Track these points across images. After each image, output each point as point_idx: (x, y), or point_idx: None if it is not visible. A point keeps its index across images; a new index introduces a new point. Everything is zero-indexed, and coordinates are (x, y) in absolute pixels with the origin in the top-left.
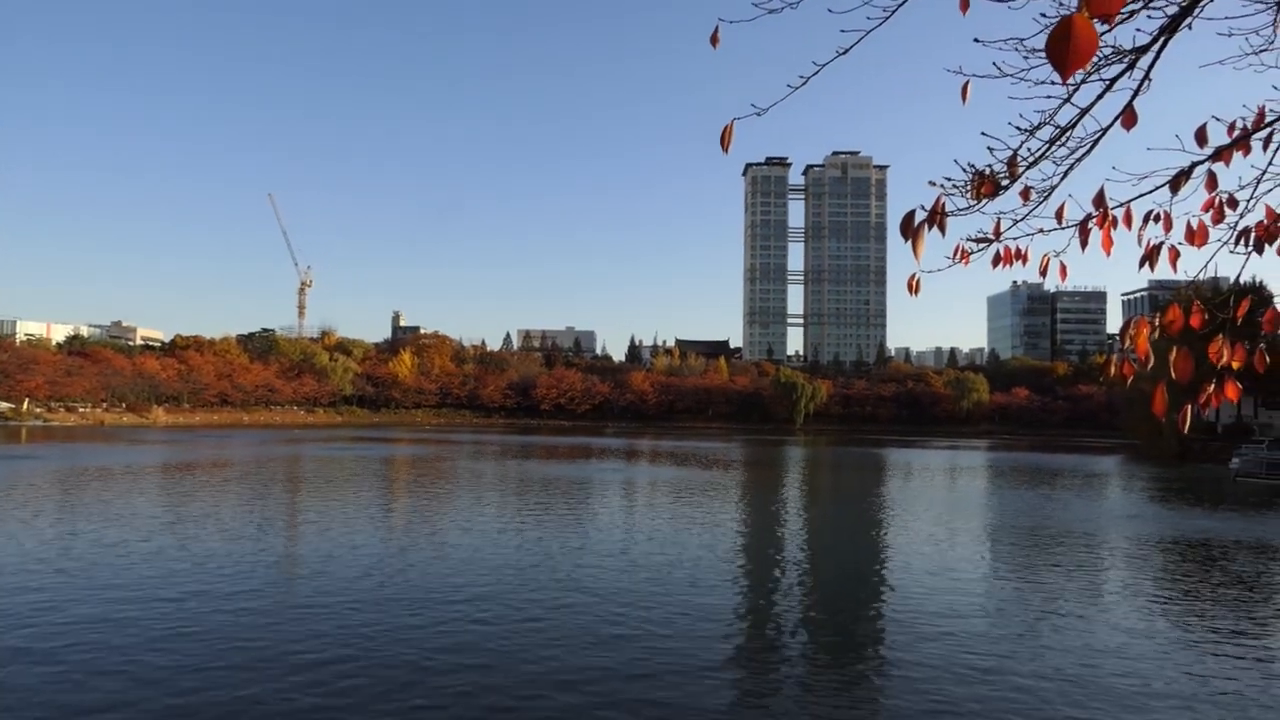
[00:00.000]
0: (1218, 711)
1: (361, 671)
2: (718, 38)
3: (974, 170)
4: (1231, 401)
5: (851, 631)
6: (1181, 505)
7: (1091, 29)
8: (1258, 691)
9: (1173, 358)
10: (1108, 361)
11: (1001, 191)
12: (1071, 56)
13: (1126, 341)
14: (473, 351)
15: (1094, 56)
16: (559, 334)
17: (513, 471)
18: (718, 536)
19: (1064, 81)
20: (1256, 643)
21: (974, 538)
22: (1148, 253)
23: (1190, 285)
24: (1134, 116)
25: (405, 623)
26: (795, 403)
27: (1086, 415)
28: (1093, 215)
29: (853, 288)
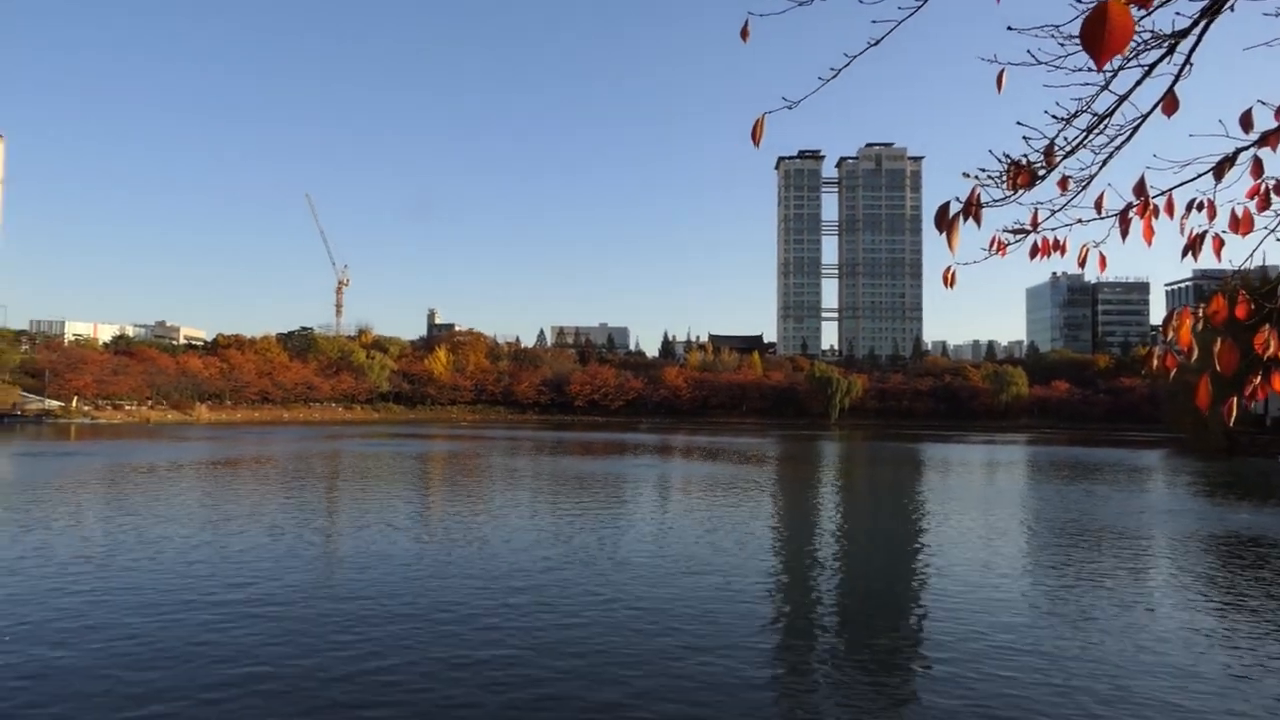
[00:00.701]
0: (1260, 713)
1: (404, 668)
2: (748, 31)
3: (1010, 160)
4: (1278, 393)
5: (890, 629)
6: (1228, 500)
7: (1127, 14)
8: None
9: (1217, 349)
10: (1150, 354)
11: (1038, 181)
12: (1107, 42)
13: (1169, 333)
14: (507, 348)
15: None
16: (592, 330)
17: (547, 468)
18: (752, 534)
19: (1099, 68)
20: None
21: (1014, 534)
22: (1191, 242)
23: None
24: (1175, 102)
25: (445, 618)
26: (830, 397)
27: (1129, 409)
28: (1133, 204)
29: (887, 281)
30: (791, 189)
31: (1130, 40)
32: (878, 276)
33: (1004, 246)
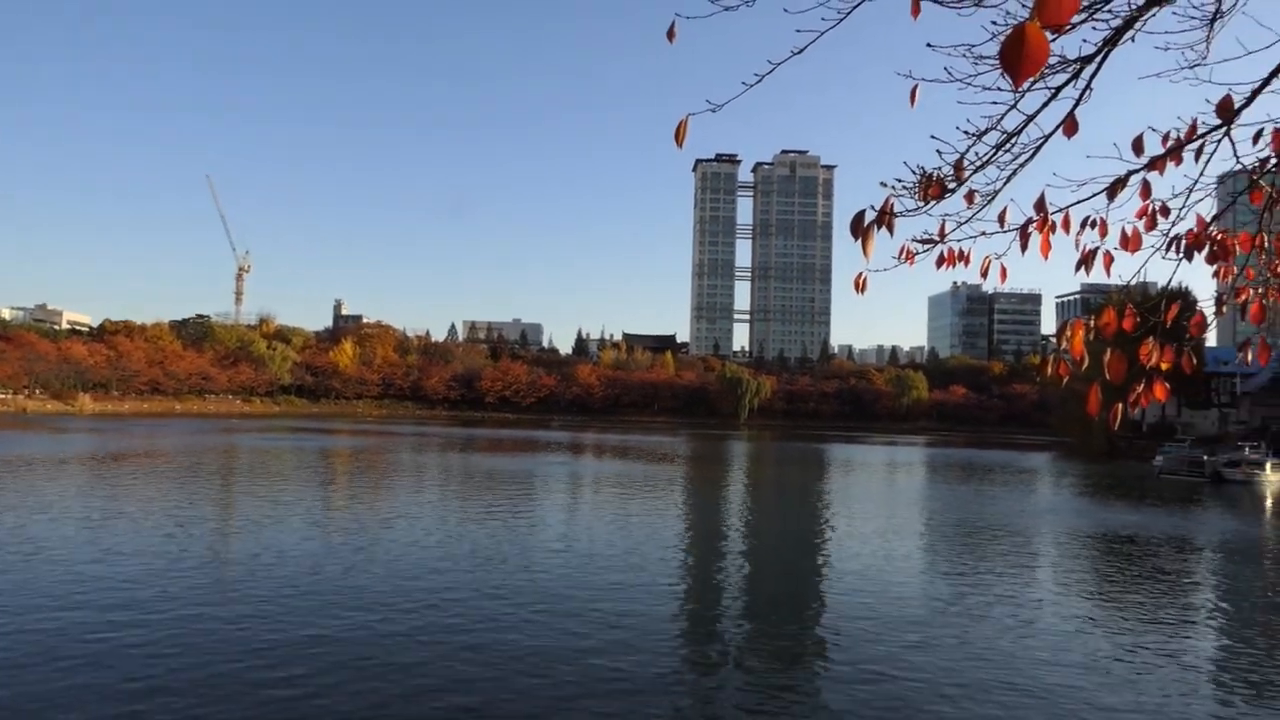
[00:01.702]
0: (1136, 696)
1: (303, 679)
2: (674, 32)
3: (922, 172)
4: (1160, 401)
5: (796, 627)
6: (1109, 501)
7: (1043, 37)
8: (1174, 679)
9: (1107, 359)
10: (1044, 361)
11: (948, 194)
12: (1024, 64)
13: (1063, 342)
14: (417, 342)
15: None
16: (505, 326)
17: (456, 465)
18: (662, 533)
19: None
20: (1174, 632)
21: (912, 532)
22: (1084, 257)
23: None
24: (1075, 125)
25: (345, 623)
26: (740, 398)
27: (1020, 413)
28: (1033, 219)
29: (798, 285)
30: (708, 191)
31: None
32: (789, 280)
33: (913, 255)
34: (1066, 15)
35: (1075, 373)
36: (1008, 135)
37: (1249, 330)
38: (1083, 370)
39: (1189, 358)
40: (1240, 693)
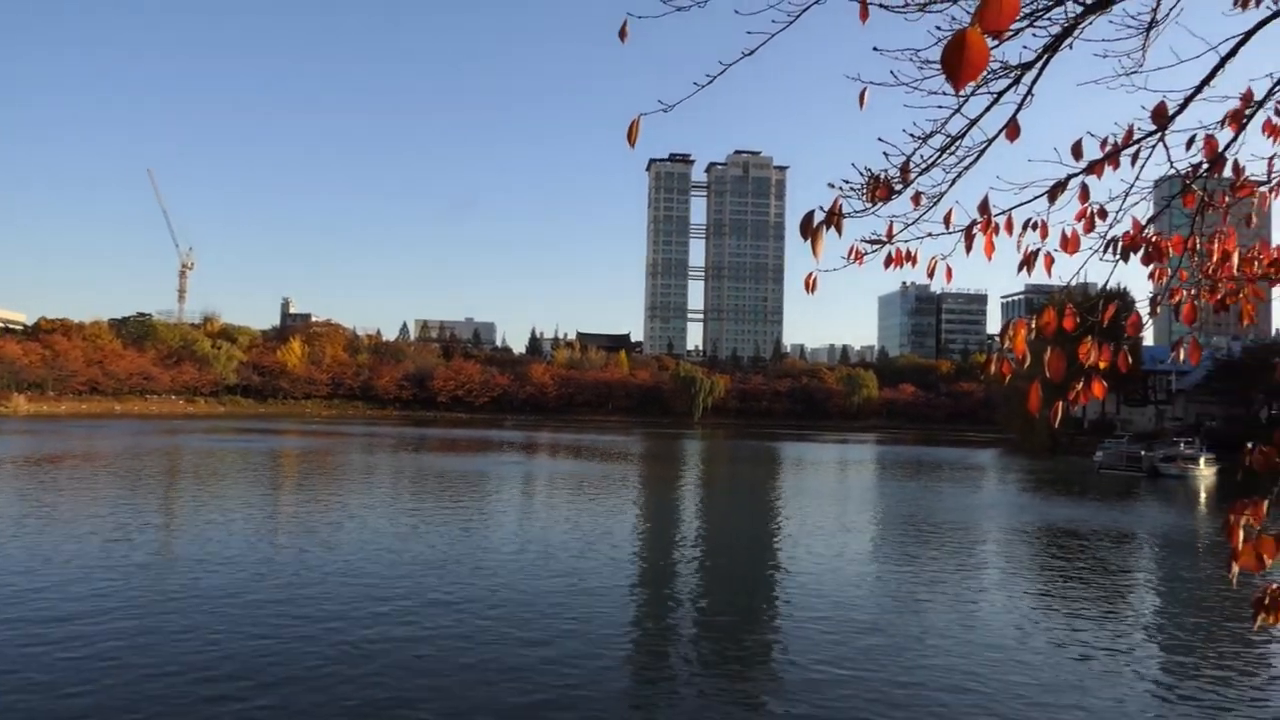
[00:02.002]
0: (1080, 696)
1: (252, 691)
2: (626, 31)
3: (870, 174)
4: (1098, 399)
5: (751, 628)
6: (1051, 495)
7: (984, 43)
8: (1114, 672)
9: (1047, 357)
10: (988, 360)
11: (895, 196)
12: (965, 68)
13: (1006, 341)
14: (367, 341)
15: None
16: (458, 325)
17: (408, 465)
18: (615, 533)
19: (957, 92)
20: (1115, 625)
21: (863, 529)
22: (1026, 258)
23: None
24: (1017, 129)
25: (294, 631)
26: (694, 397)
27: (967, 411)
28: (977, 221)
29: (751, 285)
30: (662, 191)
31: (985, 68)
32: (742, 280)
33: (861, 256)
34: (1006, 22)
35: (1018, 371)
36: (952, 139)
37: (1184, 330)
38: (1025, 369)
39: (1125, 356)
40: (1176, 684)
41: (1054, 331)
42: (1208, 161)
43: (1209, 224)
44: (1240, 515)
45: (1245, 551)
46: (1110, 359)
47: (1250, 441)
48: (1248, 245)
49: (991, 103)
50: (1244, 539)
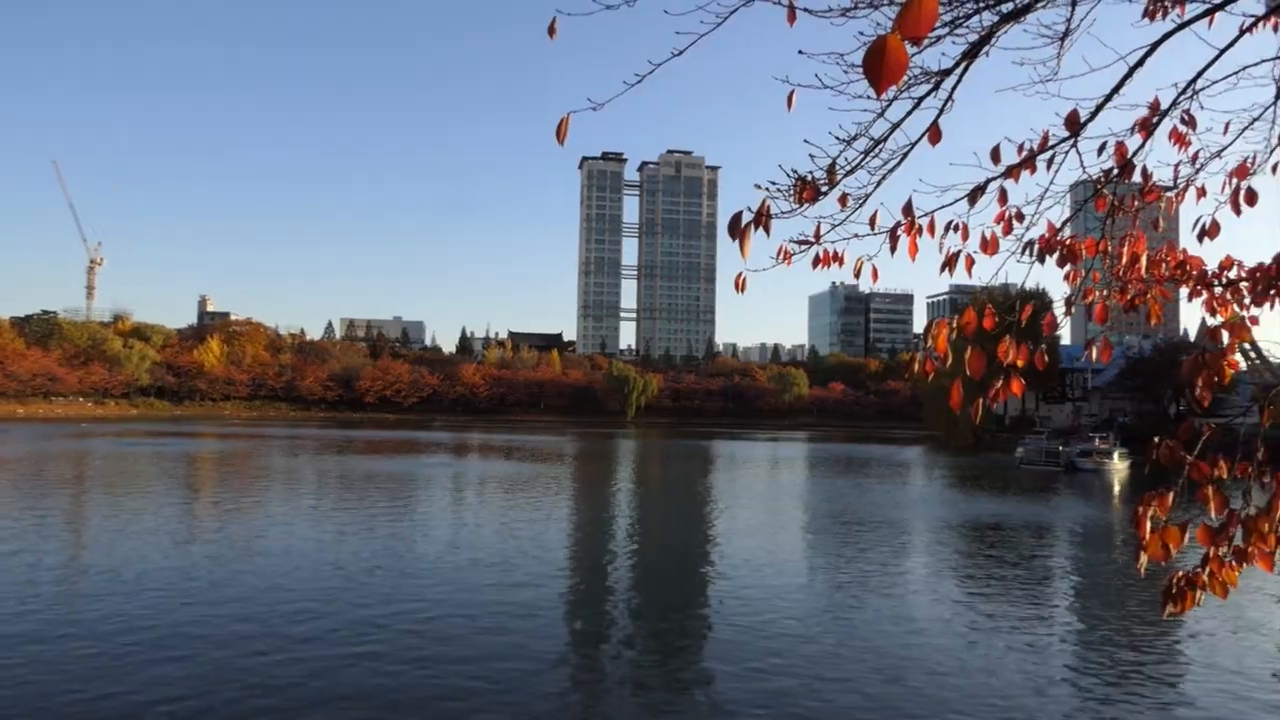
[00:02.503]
0: (996, 672)
1: (163, 712)
2: (555, 29)
3: (796, 176)
4: (1016, 396)
5: (684, 628)
6: (975, 491)
7: (903, 49)
8: (1034, 664)
9: (968, 356)
10: (912, 359)
11: (821, 197)
12: (885, 73)
13: (928, 341)
14: (290, 340)
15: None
16: (386, 324)
17: (333, 468)
18: (548, 535)
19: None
20: (1036, 616)
21: (795, 526)
22: (947, 260)
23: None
24: (939, 133)
25: (211, 646)
26: (627, 396)
27: (895, 409)
28: (901, 223)
29: (684, 284)
30: (594, 189)
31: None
32: (675, 279)
33: (790, 256)
34: (924, 29)
35: (940, 370)
36: (875, 142)
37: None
38: (947, 367)
39: (1042, 355)
40: (1094, 674)
41: (974, 331)
42: (1118, 167)
43: (1119, 227)
44: (1148, 507)
45: (1152, 542)
46: (1028, 357)
47: (1158, 436)
48: (1155, 248)
49: (913, 107)
50: (1151, 530)
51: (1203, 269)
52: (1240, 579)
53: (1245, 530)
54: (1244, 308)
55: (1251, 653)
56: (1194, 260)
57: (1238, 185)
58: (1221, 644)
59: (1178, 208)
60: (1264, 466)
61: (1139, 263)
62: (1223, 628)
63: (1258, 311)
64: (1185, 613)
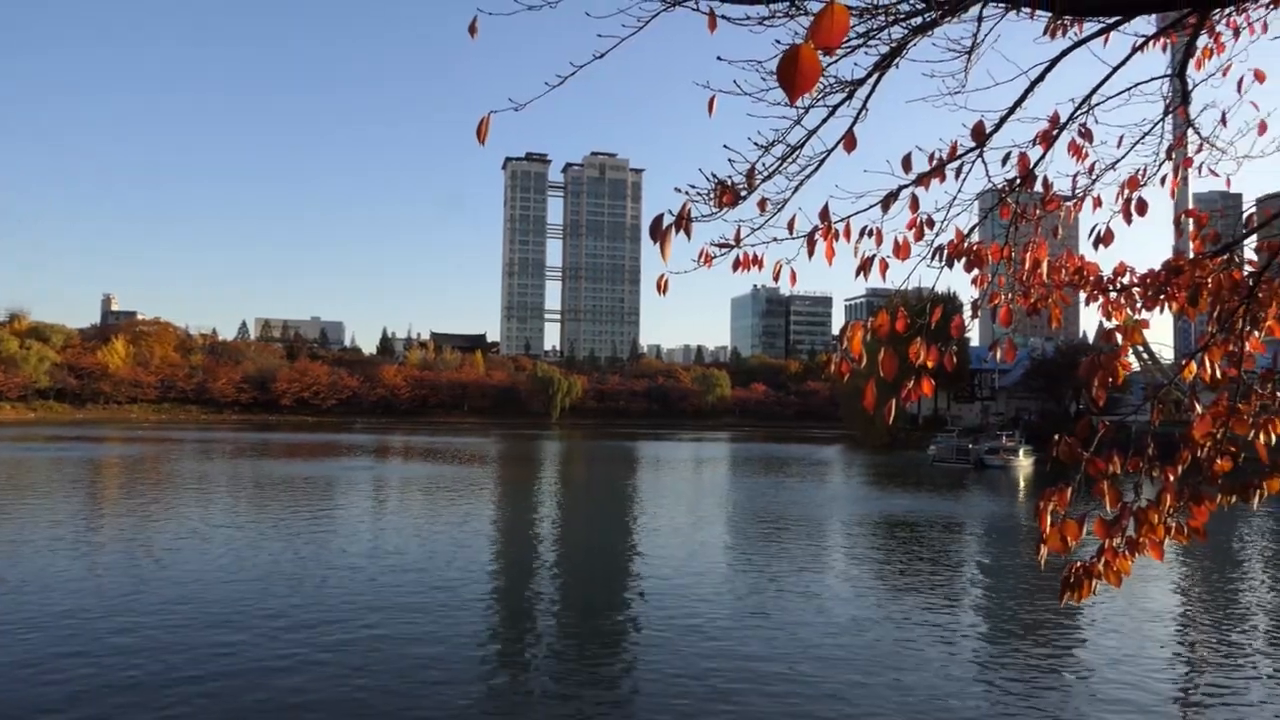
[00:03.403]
0: (904, 664)
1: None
2: (476, 27)
3: (716, 180)
4: (928, 396)
5: (607, 631)
6: (890, 488)
7: (816, 58)
8: (945, 658)
9: (881, 357)
10: (829, 360)
11: (741, 201)
12: (798, 81)
13: (844, 343)
14: (202, 341)
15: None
16: (303, 324)
17: (247, 473)
18: (471, 534)
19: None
20: (948, 609)
21: (717, 526)
22: (862, 264)
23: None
24: (854, 141)
25: (118, 657)
26: (552, 397)
27: (815, 409)
28: (818, 227)
29: (608, 285)
30: (518, 190)
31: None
32: (599, 281)
33: (710, 259)
34: (836, 40)
35: (856, 370)
36: (792, 148)
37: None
38: (862, 368)
39: (951, 356)
40: (1002, 662)
41: (887, 333)
42: (1021, 177)
43: (1022, 234)
44: (1048, 502)
45: (1052, 535)
46: (938, 358)
47: (1058, 434)
48: (1056, 255)
49: (828, 115)
50: (1051, 523)
51: (1099, 275)
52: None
53: (1137, 522)
54: (1136, 311)
55: (1145, 636)
56: (1091, 266)
57: (1129, 196)
58: (1117, 628)
59: (1076, 216)
60: (1154, 462)
61: (1040, 268)
62: (1119, 613)
63: (1149, 315)
64: (1083, 601)
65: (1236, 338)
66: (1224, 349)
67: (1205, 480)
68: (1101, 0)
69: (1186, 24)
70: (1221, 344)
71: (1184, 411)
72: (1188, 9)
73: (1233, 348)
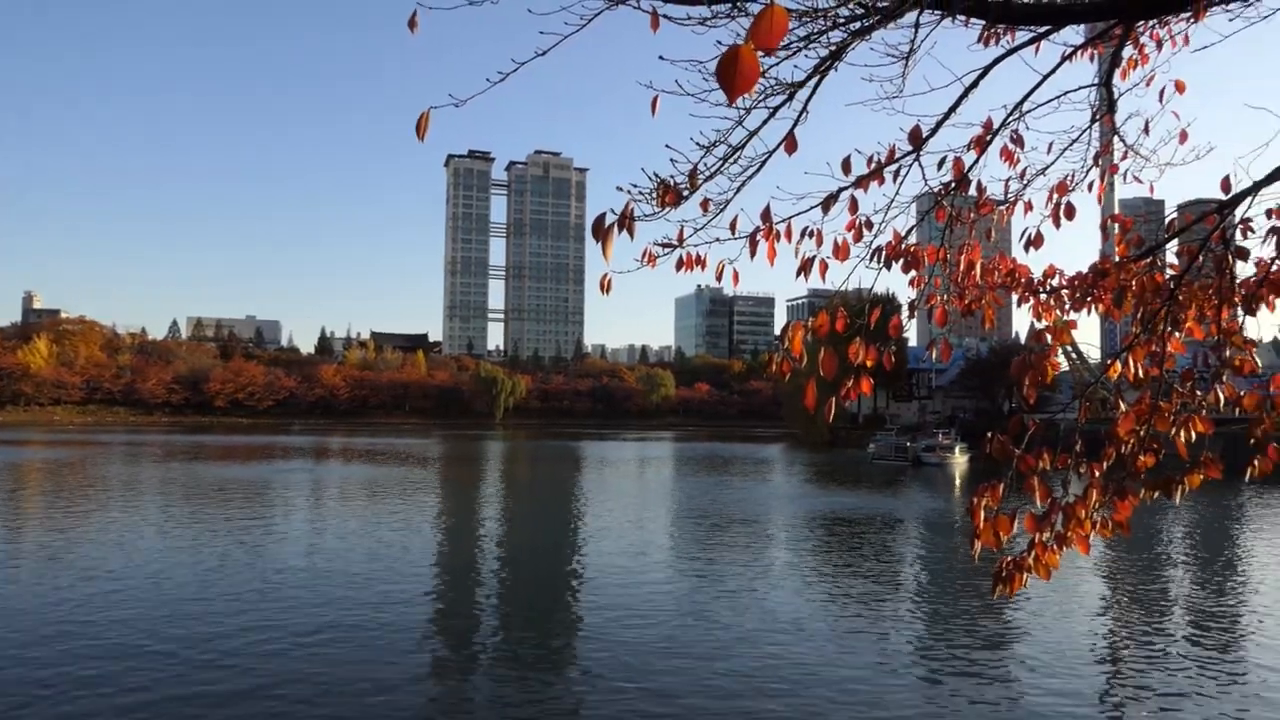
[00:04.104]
0: (853, 661)
1: None
2: (416, 22)
3: (659, 180)
4: (867, 395)
5: (552, 633)
6: (831, 485)
7: (755, 59)
8: (884, 652)
9: (821, 357)
10: (770, 359)
11: (683, 201)
12: (738, 81)
13: (785, 342)
14: (130, 340)
15: (757, 84)
16: (238, 323)
17: (180, 476)
18: (413, 537)
19: (730, 104)
20: (886, 604)
21: (660, 524)
22: (803, 264)
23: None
24: (794, 143)
25: (40, 670)
26: (495, 397)
27: (758, 408)
28: (760, 228)
29: (552, 285)
30: (461, 188)
31: (757, 83)
32: (543, 280)
33: (654, 258)
34: (775, 41)
35: (797, 370)
36: (734, 149)
37: (938, 332)
38: (803, 367)
39: (890, 356)
40: (938, 654)
41: (827, 333)
42: (955, 181)
43: (957, 237)
44: (981, 498)
45: (985, 530)
46: (877, 358)
47: (991, 431)
48: (989, 257)
49: (768, 116)
50: (984, 519)
51: (1030, 277)
52: (1063, 560)
53: (1065, 517)
54: (1065, 312)
55: (1074, 626)
56: (1022, 269)
57: (1059, 200)
58: (1047, 619)
59: (1008, 220)
60: (1081, 458)
61: (975, 270)
62: (1050, 605)
63: (1077, 316)
64: (1015, 593)
65: (1158, 338)
66: (1147, 349)
67: (1129, 476)
68: (1032, 10)
69: (1112, 35)
70: (1144, 344)
71: (1109, 409)
72: (1114, 21)
73: (1155, 348)
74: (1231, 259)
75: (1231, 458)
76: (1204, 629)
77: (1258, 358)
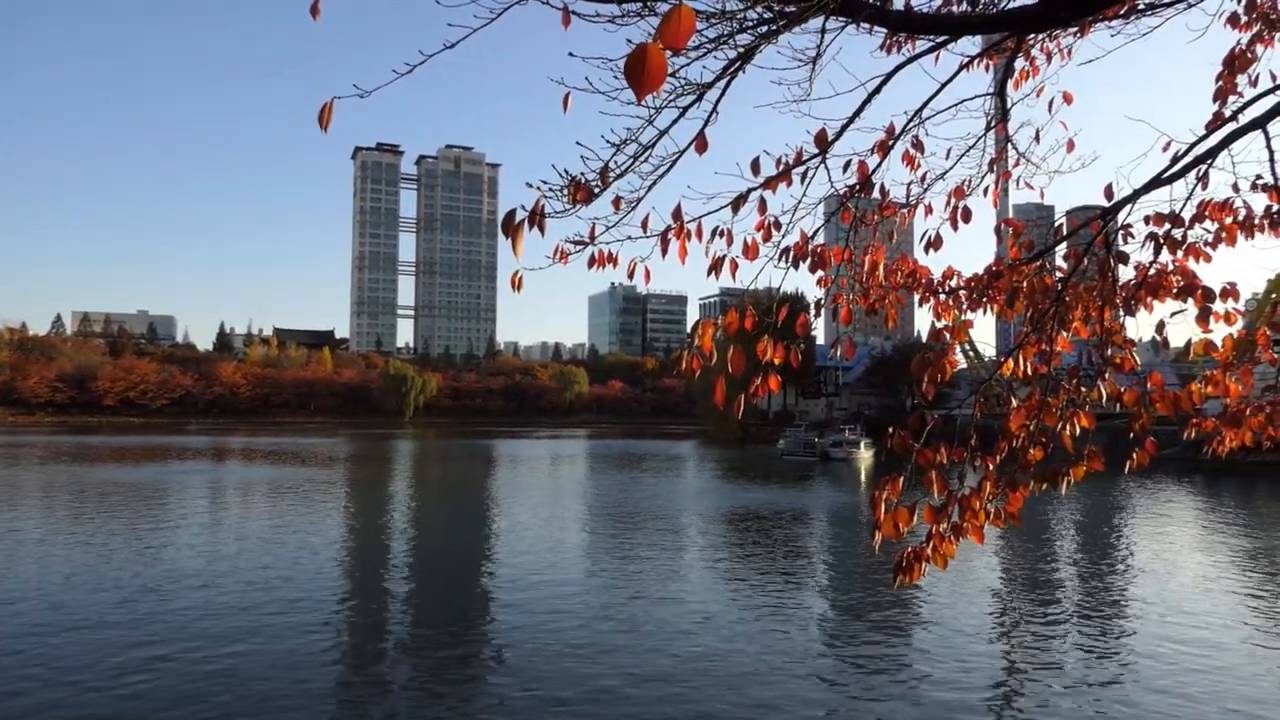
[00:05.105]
0: (763, 655)
1: None
2: (318, 8)
3: (570, 177)
4: (774, 392)
5: (462, 626)
6: (741, 481)
7: (663, 58)
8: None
9: (730, 354)
10: (680, 356)
11: (595, 199)
12: (646, 79)
13: (694, 340)
14: (9, 335)
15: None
16: (128, 318)
17: (64, 479)
18: (318, 540)
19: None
20: (796, 595)
21: (573, 522)
22: (714, 263)
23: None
24: (705, 143)
25: None
26: (405, 395)
27: (671, 406)
28: (671, 227)
29: (464, 281)
30: (369, 181)
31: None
32: (454, 276)
33: (566, 255)
34: (682, 40)
35: (707, 367)
36: (645, 147)
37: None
38: (713, 365)
39: (797, 354)
40: (844, 643)
41: (736, 331)
42: (860, 184)
43: (862, 238)
44: (882, 491)
45: (886, 522)
46: (784, 356)
47: (893, 427)
48: (892, 258)
49: (678, 116)
50: (885, 511)
51: (930, 277)
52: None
53: (961, 508)
54: (963, 312)
55: (971, 612)
56: (923, 270)
57: (956, 204)
58: (945, 607)
59: (910, 222)
60: (976, 452)
61: (878, 270)
62: (949, 592)
63: (973, 315)
64: (915, 582)
65: (1047, 337)
66: (1036, 347)
67: (1020, 469)
68: (931, 20)
69: (1006, 47)
70: (1034, 343)
71: (1003, 405)
72: (1007, 33)
73: (1044, 346)
74: (1113, 263)
75: (1113, 451)
76: (1089, 611)
77: (1137, 356)
